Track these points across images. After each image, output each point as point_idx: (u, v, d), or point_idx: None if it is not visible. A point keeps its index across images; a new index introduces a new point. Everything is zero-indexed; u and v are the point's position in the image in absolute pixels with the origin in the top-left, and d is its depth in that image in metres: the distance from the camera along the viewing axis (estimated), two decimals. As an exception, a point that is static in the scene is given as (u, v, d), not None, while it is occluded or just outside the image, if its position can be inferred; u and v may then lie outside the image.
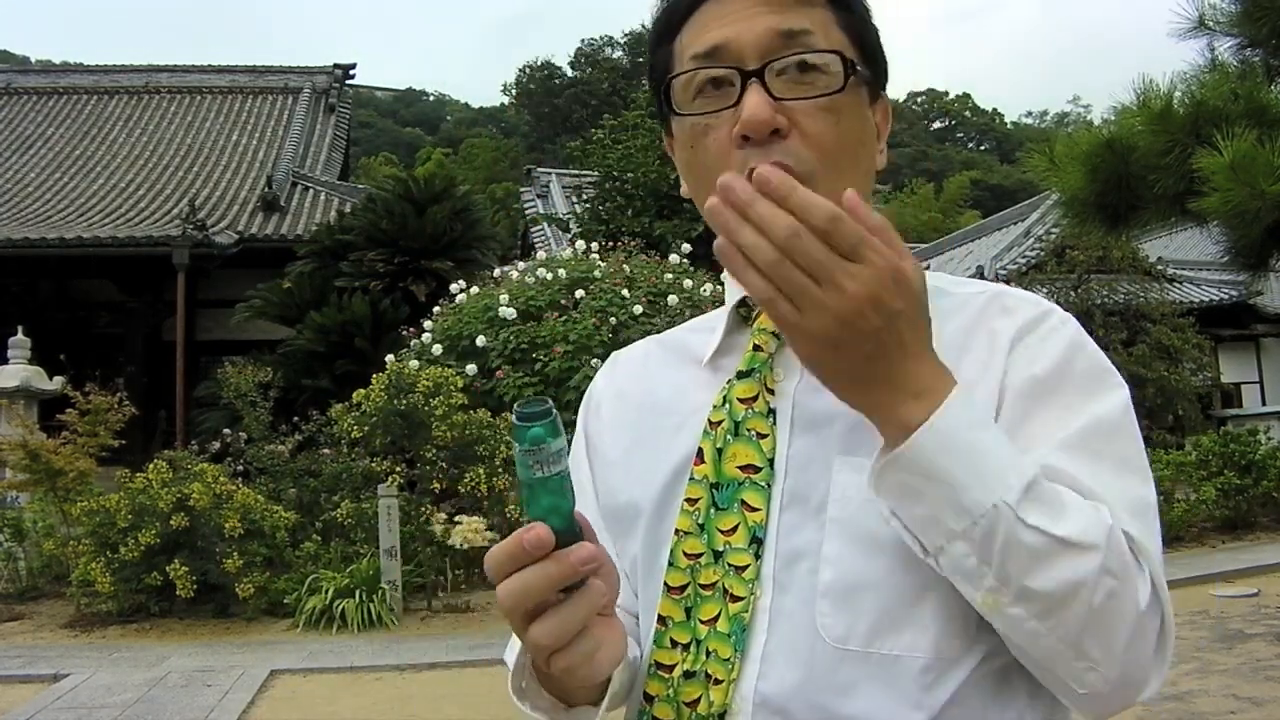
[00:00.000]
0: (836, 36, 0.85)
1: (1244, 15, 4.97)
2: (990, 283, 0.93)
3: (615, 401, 1.01)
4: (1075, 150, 4.91)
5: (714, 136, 0.84)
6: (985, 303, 0.89)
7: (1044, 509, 0.71)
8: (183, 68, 24.36)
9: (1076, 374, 0.83)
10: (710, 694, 0.80)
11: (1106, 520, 0.73)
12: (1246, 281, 16.42)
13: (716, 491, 0.84)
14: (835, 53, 0.83)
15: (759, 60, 0.82)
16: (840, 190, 0.72)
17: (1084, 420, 0.81)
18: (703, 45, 0.84)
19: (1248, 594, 8.59)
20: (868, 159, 0.88)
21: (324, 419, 10.40)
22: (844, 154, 0.84)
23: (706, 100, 0.85)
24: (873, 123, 0.90)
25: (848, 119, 0.84)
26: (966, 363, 0.83)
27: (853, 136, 0.85)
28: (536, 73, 56.67)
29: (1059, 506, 0.72)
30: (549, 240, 19.20)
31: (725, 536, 0.83)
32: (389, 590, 8.52)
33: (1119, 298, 15.28)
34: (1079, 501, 0.74)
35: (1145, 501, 0.80)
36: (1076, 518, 0.72)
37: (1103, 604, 0.71)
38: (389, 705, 6.27)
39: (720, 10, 0.85)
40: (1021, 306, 0.88)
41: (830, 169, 0.82)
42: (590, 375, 10.96)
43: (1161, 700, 5.54)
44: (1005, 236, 20.88)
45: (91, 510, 8.58)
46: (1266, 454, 11.75)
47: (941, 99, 69.63)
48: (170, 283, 14.76)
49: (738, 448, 0.85)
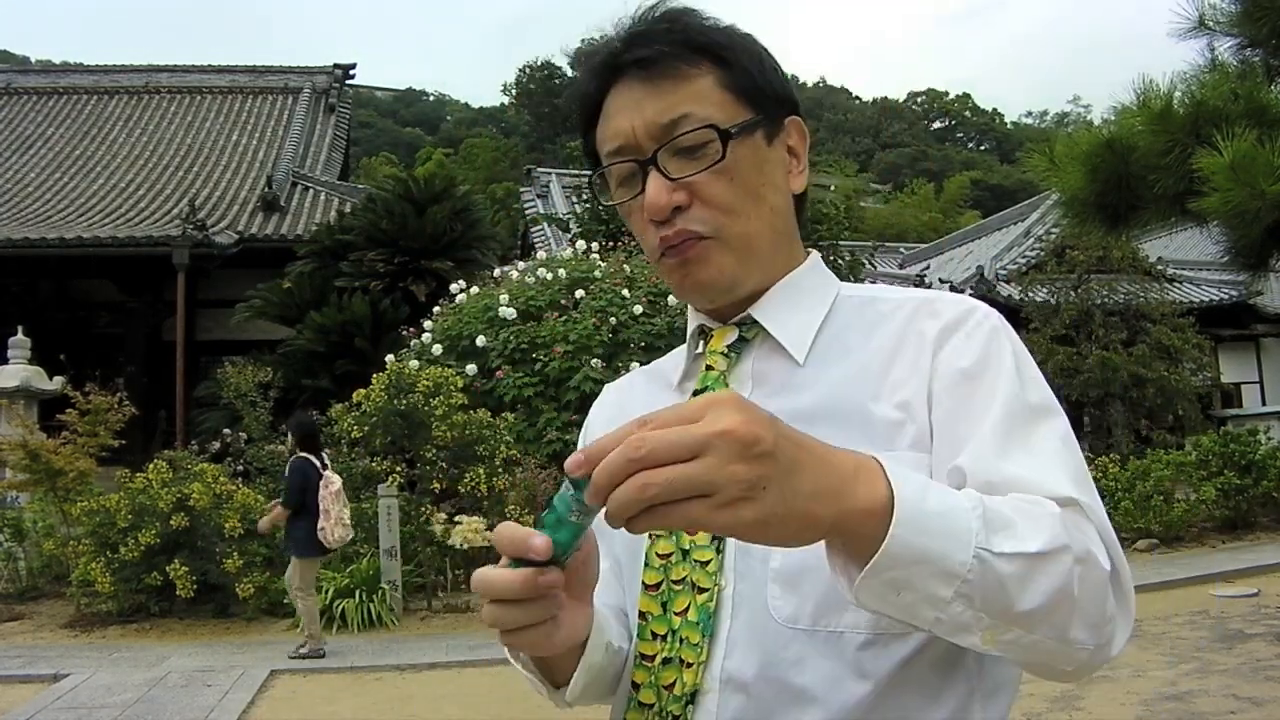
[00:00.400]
0: (718, 99, 0.94)
1: (1244, 15, 4.96)
2: (926, 290, 1.01)
3: (604, 427, 1.08)
4: (1075, 150, 4.91)
5: (634, 218, 0.98)
6: (915, 308, 0.96)
7: (1006, 533, 0.73)
8: (183, 68, 24.36)
9: (999, 363, 0.89)
10: (683, 676, 0.88)
11: (1053, 509, 0.77)
12: (1246, 281, 16.43)
13: None
14: (710, 127, 0.92)
15: (652, 147, 0.93)
16: (751, 233, 0.93)
17: (1013, 405, 0.87)
18: (611, 142, 0.97)
19: (1248, 594, 8.59)
20: (773, 194, 0.98)
21: (324, 419, 10.40)
22: (744, 203, 0.95)
23: (624, 189, 0.98)
24: (777, 155, 0.99)
25: (741, 173, 0.94)
26: (898, 365, 0.92)
27: (750, 185, 0.95)
28: (536, 73, 56.64)
29: (1012, 523, 0.74)
30: (549, 240, 19.20)
31: (690, 536, 0.91)
32: (389, 590, 8.52)
33: (1119, 298, 15.28)
34: (1024, 507, 0.76)
35: (1080, 468, 0.85)
36: (1034, 526, 0.74)
37: (1081, 591, 0.75)
38: (389, 705, 6.27)
39: (619, 100, 0.96)
40: (947, 308, 0.95)
41: (735, 219, 0.94)
42: (590, 375, 11.01)
43: (1161, 700, 5.55)
44: (1005, 236, 20.89)
45: (91, 510, 8.58)
46: (1266, 454, 11.75)
47: (941, 99, 69.63)
48: (170, 283, 14.76)
49: None
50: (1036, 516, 0.75)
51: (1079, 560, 0.75)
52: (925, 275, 22.39)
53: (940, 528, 0.70)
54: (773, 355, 0.97)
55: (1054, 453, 0.85)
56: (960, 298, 0.97)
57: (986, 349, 0.90)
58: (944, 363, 0.90)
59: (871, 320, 0.97)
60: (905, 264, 25.28)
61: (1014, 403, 0.87)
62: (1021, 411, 0.86)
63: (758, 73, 0.97)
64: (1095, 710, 5.44)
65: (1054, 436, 0.87)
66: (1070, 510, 0.79)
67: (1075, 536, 0.76)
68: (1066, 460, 0.84)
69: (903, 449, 0.88)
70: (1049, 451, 0.85)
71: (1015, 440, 0.84)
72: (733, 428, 0.64)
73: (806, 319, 0.98)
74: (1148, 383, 14.17)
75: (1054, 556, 0.73)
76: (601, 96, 0.98)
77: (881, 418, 0.90)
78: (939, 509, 0.71)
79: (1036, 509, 0.76)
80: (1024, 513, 0.75)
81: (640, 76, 0.94)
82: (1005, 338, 0.92)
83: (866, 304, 0.99)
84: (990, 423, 0.85)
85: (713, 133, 0.92)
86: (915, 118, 68.01)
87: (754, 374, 0.97)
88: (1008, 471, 0.82)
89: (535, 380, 10.64)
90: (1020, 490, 0.80)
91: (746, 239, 0.95)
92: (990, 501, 0.74)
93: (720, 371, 0.98)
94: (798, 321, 0.98)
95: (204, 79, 23.78)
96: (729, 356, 0.98)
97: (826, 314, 0.99)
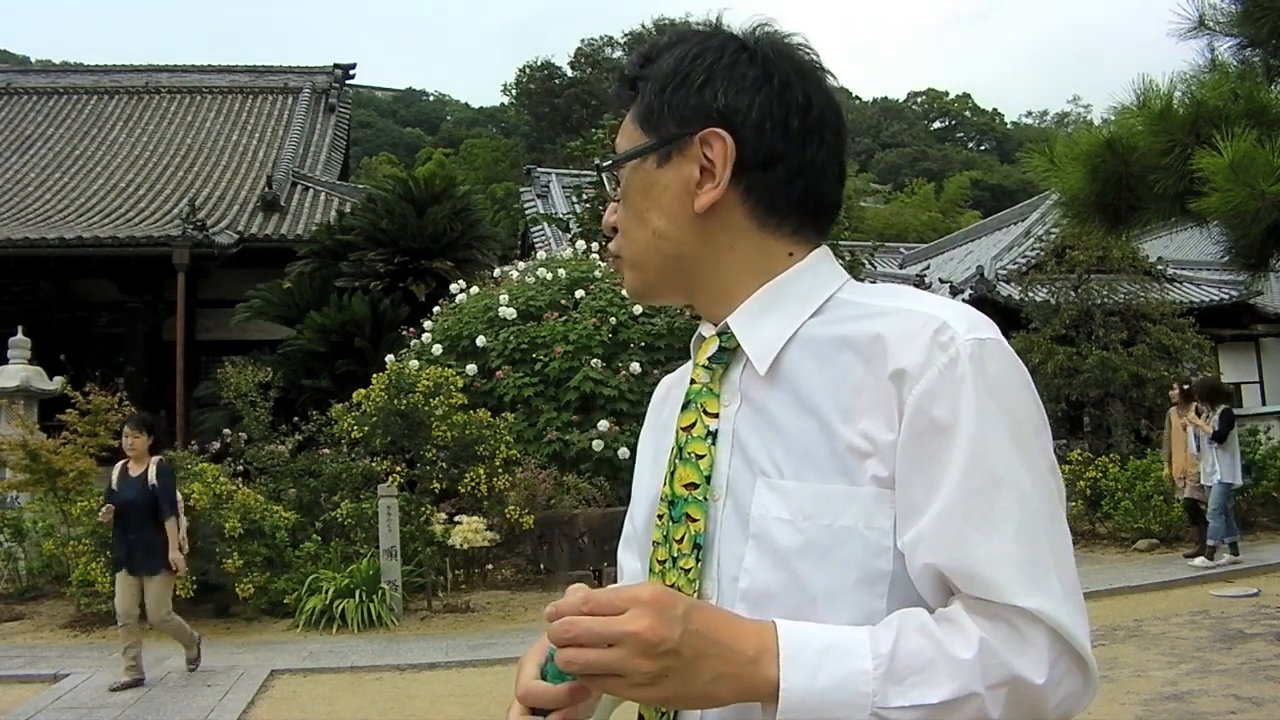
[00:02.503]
0: (630, 131, 1.03)
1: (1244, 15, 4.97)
2: (908, 306, 0.93)
3: (649, 432, 1.16)
4: (1075, 150, 4.91)
5: None
6: (887, 328, 0.90)
7: (914, 682, 0.80)
8: (183, 68, 24.35)
9: (965, 420, 0.85)
10: None
11: (970, 651, 0.81)
12: (1246, 281, 16.43)
13: (671, 507, 0.98)
14: (595, 168, 1.10)
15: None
16: (637, 252, 1.02)
17: (973, 476, 0.85)
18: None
19: (1248, 594, 8.60)
20: (657, 215, 1.00)
21: (324, 419, 10.40)
22: (629, 226, 1.03)
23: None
24: (670, 178, 0.99)
25: (629, 199, 1.02)
26: (866, 390, 0.89)
27: (635, 210, 1.02)
28: (536, 73, 56.61)
29: (930, 669, 0.81)
30: (549, 240, 19.20)
31: (678, 545, 0.97)
32: (389, 590, 8.52)
33: (1119, 298, 15.27)
34: (945, 645, 0.82)
35: (1035, 549, 0.85)
36: (948, 671, 0.81)
37: (1003, 713, 0.81)
38: (389, 705, 6.27)
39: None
40: (920, 339, 0.88)
41: (625, 243, 1.04)
42: (590, 375, 11.02)
43: (1161, 700, 5.54)
44: (1005, 236, 20.89)
45: (91, 510, 8.58)
46: (1266, 454, 11.75)
47: (941, 99, 69.59)
48: (170, 283, 14.75)
49: (682, 469, 0.98)
50: (951, 661, 0.81)
51: (997, 693, 0.81)
52: (925, 275, 22.38)
53: (831, 700, 0.79)
54: (751, 366, 0.98)
55: (1010, 538, 0.84)
56: (932, 321, 0.89)
57: (956, 397, 0.86)
58: (910, 408, 0.86)
59: (848, 330, 0.93)
60: (905, 264, 25.27)
61: (975, 474, 0.84)
62: (983, 485, 0.84)
63: (656, 97, 1.00)
64: (1095, 710, 5.43)
65: (1018, 511, 0.85)
66: (1019, 625, 0.82)
67: (993, 671, 0.81)
68: (1022, 546, 0.84)
69: (865, 484, 0.87)
70: (1006, 537, 0.84)
71: (974, 521, 0.84)
72: (640, 630, 0.78)
73: (777, 329, 0.96)
74: (1148, 383, 14.15)
75: (960, 704, 0.80)
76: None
77: (847, 444, 0.89)
78: (830, 683, 0.80)
79: (955, 650, 0.81)
80: (943, 653, 0.81)
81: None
82: (982, 378, 0.86)
83: (845, 308, 0.96)
84: (948, 496, 0.84)
85: (601, 175, 1.06)
86: (915, 118, 67.98)
87: (741, 387, 0.97)
88: (963, 561, 0.84)
89: (535, 380, 10.64)
90: (975, 586, 0.83)
91: (634, 259, 1.03)
92: (911, 644, 0.81)
93: (703, 384, 1.00)
94: (767, 332, 0.96)
95: (204, 79, 23.77)
96: (710, 368, 1.00)
97: (805, 321, 0.96)
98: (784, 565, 0.89)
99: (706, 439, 0.97)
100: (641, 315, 11.10)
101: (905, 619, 0.84)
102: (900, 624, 0.83)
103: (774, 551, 0.90)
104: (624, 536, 1.16)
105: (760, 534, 0.91)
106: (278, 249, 15.53)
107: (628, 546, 1.14)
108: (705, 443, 0.97)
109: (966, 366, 0.86)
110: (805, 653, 0.81)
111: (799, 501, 0.89)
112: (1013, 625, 0.82)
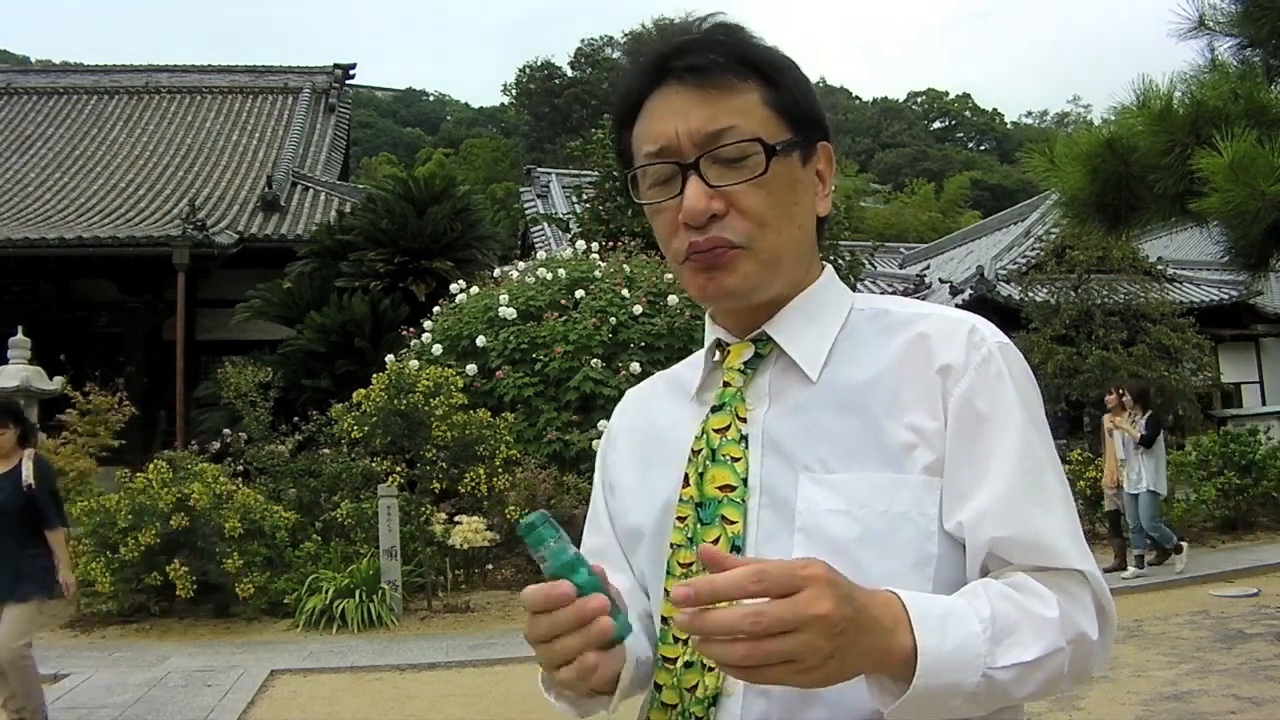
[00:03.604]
0: (762, 116, 0.97)
1: (1244, 15, 4.97)
2: (934, 308, 1.03)
3: (627, 435, 1.15)
4: (1075, 150, 4.91)
5: (664, 218, 1.00)
6: (923, 329, 0.99)
7: (1010, 643, 0.85)
8: (183, 68, 24.36)
9: (1009, 409, 0.95)
10: (705, 679, 0.93)
11: (1054, 610, 0.88)
12: (1246, 281, 16.43)
13: (701, 509, 0.98)
14: (756, 140, 0.96)
15: (695, 154, 0.96)
16: (780, 247, 0.97)
17: (1026, 460, 0.94)
18: (652, 143, 0.99)
19: (1248, 594, 8.59)
20: (803, 213, 1.01)
21: (324, 419, 10.40)
22: (776, 218, 0.98)
23: (658, 190, 1.00)
24: (808, 178, 1.02)
25: (777, 189, 0.97)
26: (908, 386, 0.96)
27: (784, 201, 0.98)
28: (536, 73, 56.59)
29: (1016, 629, 0.86)
30: (549, 240, 19.21)
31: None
32: (389, 590, 8.52)
33: (1119, 298, 15.28)
34: (1030, 608, 0.87)
35: (1077, 522, 0.96)
36: (1035, 631, 0.86)
37: (1070, 669, 0.89)
38: (389, 705, 6.27)
39: (665, 103, 0.98)
40: (955, 337, 0.98)
41: (767, 232, 0.97)
42: (590, 375, 11.00)
43: (1161, 700, 5.54)
44: (1005, 236, 20.89)
45: (91, 510, 8.58)
46: (1266, 454, 11.74)
47: (941, 99, 69.59)
48: (170, 283, 14.77)
49: (716, 471, 0.98)
50: (1038, 621, 0.87)
51: (1073, 647, 0.88)
52: (925, 275, 22.38)
53: (956, 663, 0.82)
54: (788, 371, 1.01)
55: (1063, 514, 0.94)
56: (964, 323, 0.99)
57: (996, 391, 0.95)
58: (957, 400, 0.95)
59: (881, 335, 1.00)
60: (905, 264, 25.27)
61: (1027, 458, 0.94)
62: (1034, 467, 0.94)
63: (801, 96, 1.01)
64: (1095, 710, 5.43)
65: (1060, 489, 0.96)
66: (1073, 588, 0.91)
67: (1069, 627, 0.88)
68: (1067, 517, 0.95)
69: (915, 472, 0.93)
70: (1060, 514, 0.94)
71: (1033, 498, 0.93)
72: (828, 612, 0.75)
73: (820, 336, 1.01)
74: (1148, 383, 14.15)
75: (1048, 659, 0.87)
76: (644, 97, 1.01)
77: (894, 437, 0.94)
78: (955, 645, 0.82)
79: (1040, 610, 0.88)
80: (1029, 615, 0.87)
81: (689, 83, 0.97)
82: (1013, 375, 0.97)
83: (877, 316, 1.03)
84: (1007, 477, 0.93)
85: (758, 146, 0.96)
86: (915, 118, 67.96)
87: (771, 390, 1.01)
88: (1028, 533, 0.92)
89: (535, 380, 10.64)
90: (1038, 555, 0.92)
91: (775, 252, 0.98)
92: (1000, 608, 0.86)
93: (737, 388, 1.02)
94: (812, 339, 1.01)
95: (204, 79, 23.79)
96: (745, 373, 1.02)
97: (840, 330, 1.02)
98: (840, 555, 0.90)
99: (740, 442, 0.99)
100: (641, 315, 11.10)
101: (987, 587, 0.89)
102: (985, 591, 0.88)
103: (828, 542, 0.92)
104: (587, 550, 1.10)
105: (809, 527, 0.93)
106: (278, 249, 15.54)
107: (599, 558, 1.04)
108: (739, 445, 0.98)
109: (1000, 364, 0.96)
110: (930, 619, 0.82)
111: (853, 492, 0.93)
112: (1068, 588, 0.91)
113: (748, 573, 0.74)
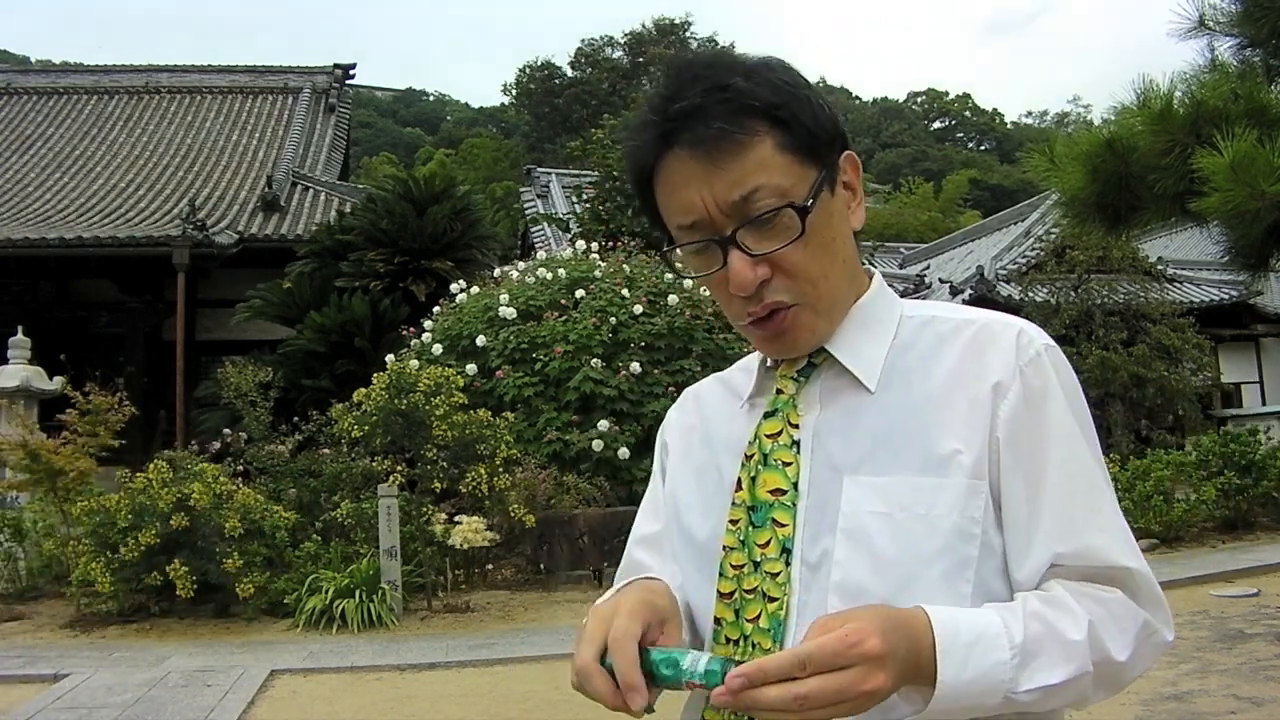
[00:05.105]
0: (781, 164, 0.95)
1: (1244, 15, 4.97)
2: (981, 313, 1.05)
3: (682, 435, 1.17)
4: (1075, 150, 4.91)
5: (718, 289, 1.02)
6: (973, 335, 1.01)
7: (1035, 667, 0.87)
8: (183, 68, 24.36)
9: (1062, 419, 0.97)
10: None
11: (1082, 633, 0.89)
12: (1246, 281, 16.42)
13: (753, 512, 1.01)
14: (788, 206, 0.95)
15: (729, 225, 0.96)
16: (833, 290, 0.99)
17: (1080, 472, 0.97)
18: (683, 215, 0.98)
19: (1248, 594, 8.59)
20: (842, 242, 1.02)
21: (324, 419, 10.40)
22: (822, 265, 0.99)
23: (700, 260, 1.01)
24: (840, 202, 1.02)
25: (816, 239, 0.97)
26: (958, 395, 0.98)
27: (824, 244, 0.99)
28: (536, 73, 56.54)
29: (1045, 654, 0.87)
30: (549, 240, 19.21)
31: (761, 549, 0.99)
32: (389, 590, 8.52)
33: (1119, 298, 15.27)
34: (1064, 630, 0.89)
35: (1125, 525, 0.98)
36: (1064, 654, 0.88)
37: (1095, 689, 0.91)
38: (389, 705, 6.27)
39: (680, 173, 0.97)
40: (1005, 343, 0.99)
41: (817, 285, 0.99)
42: (590, 375, 11.00)
43: (1161, 700, 5.54)
44: (1005, 236, 20.88)
45: (91, 510, 8.58)
46: (1266, 454, 11.73)
47: (941, 99, 69.55)
48: (170, 283, 14.76)
49: (767, 475, 1.01)
50: (1066, 645, 0.88)
51: (1096, 670, 0.90)
52: (925, 275, 22.38)
53: (976, 690, 0.85)
54: (840, 377, 1.02)
55: (1113, 518, 0.97)
56: (1013, 328, 1.01)
57: (1044, 400, 0.97)
58: (1006, 410, 0.96)
59: (931, 343, 1.02)
60: (905, 264, 25.27)
61: (1076, 466, 0.96)
62: (1083, 473, 0.97)
63: (813, 122, 0.98)
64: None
65: (1108, 491, 0.99)
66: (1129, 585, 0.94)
67: (1097, 650, 0.90)
68: (1118, 517, 0.98)
69: (957, 475, 0.95)
70: (1110, 519, 0.97)
71: (1088, 508, 0.96)
72: (878, 688, 0.80)
73: (876, 347, 1.03)
74: (1148, 383, 14.16)
75: (1072, 683, 0.88)
76: (654, 167, 1.00)
77: (941, 445, 0.96)
78: (975, 674, 0.85)
79: (1070, 633, 0.89)
80: (1058, 639, 0.88)
81: (698, 151, 0.95)
82: (1060, 379, 0.99)
83: (926, 324, 1.04)
84: (1062, 490, 0.95)
85: (790, 211, 0.95)
86: (915, 118, 67.92)
87: (822, 396, 1.03)
88: (1084, 548, 0.94)
89: (535, 380, 10.64)
90: (1093, 562, 0.94)
91: (830, 298, 1.00)
92: (1032, 630, 0.88)
93: (790, 395, 1.04)
94: (868, 352, 1.02)
95: (204, 79, 23.78)
96: (798, 381, 1.04)
97: (893, 339, 1.03)
98: (879, 556, 0.93)
99: (791, 447, 1.01)
100: (641, 315, 11.10)
101: (1025, 604, 0.90)
102: (1022, 610, 0.89)
103: (868, 544, 0.94)
104: (643, 535, 1.15)
105: (852, 528, 0.95)
106: (278, 249, 15.53)
107: (650, 546, 1.13)
108: (790, 450, 1.01)
109: (1048, 368, 0.98)
110: (956, 646, 0.84)
111: (895, 494, 0.95)
112: (1124, 584, 0.94)
113: (792, 659, 0.79)
